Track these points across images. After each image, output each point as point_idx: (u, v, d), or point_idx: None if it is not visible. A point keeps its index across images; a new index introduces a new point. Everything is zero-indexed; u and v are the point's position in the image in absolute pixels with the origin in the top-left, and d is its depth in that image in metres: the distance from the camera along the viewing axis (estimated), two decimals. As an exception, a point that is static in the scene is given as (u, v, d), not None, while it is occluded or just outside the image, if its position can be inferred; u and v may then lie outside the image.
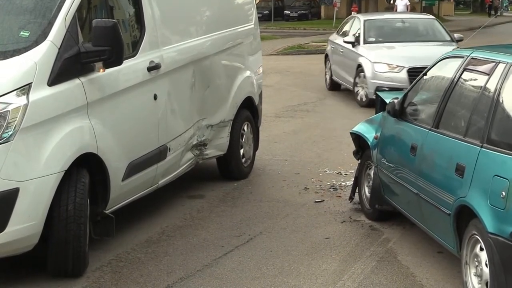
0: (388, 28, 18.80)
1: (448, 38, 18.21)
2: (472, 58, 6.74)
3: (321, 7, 69.27)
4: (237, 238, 7.70)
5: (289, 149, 11.87)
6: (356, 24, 18.95)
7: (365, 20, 18.45)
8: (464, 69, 6.71)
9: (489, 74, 6.21)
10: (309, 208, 8.83)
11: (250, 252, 7.30)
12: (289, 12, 67.04)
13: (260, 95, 11.07)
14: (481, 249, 5.62)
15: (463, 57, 6.93)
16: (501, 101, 5.83)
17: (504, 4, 58.06)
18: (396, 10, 40.00)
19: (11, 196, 5.85)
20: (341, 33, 20.20)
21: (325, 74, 20.01)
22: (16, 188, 5.87)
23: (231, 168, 10.06)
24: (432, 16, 21.60)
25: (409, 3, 42.08)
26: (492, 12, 57.14)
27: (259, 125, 10.99)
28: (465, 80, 6.65)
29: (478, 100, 6.19)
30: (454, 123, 6.48)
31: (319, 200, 9.15)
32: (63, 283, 6.38)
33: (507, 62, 6.02)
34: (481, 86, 6.24)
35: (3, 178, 5.79)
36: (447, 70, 7.13)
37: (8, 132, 5.83)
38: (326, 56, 20.23)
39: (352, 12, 52.17)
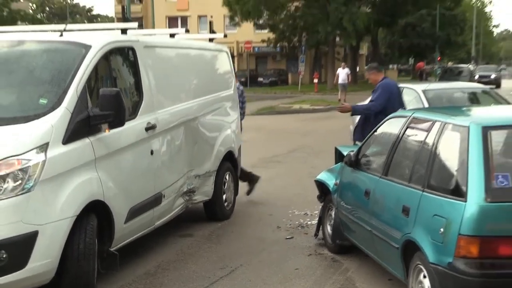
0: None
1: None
2: (414, 118, 6.84)
3: (288, 74, 69.61)
4: (221, 270, 7.68)
5: (264, 194, 11.86)
6: None
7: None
8: (407, 127, 6.80)
9: (427, 131, 6.30)
10: (281, 244, 8.82)
11: (232, 282, 7.31)
12: (262, 79, 67.24)
13: (239, 149, 11.12)
14: (424, 276, 5.66)
15: (406, 117, 7.04)
16: (437, 153, 5.94)
17: (437, 72, 58.52)
18: (338, 79, 40.33)
19: (31, 237, 5.84)
20: None
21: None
22: (36, 231, 5.86)
23: (215, 210, 10.05)
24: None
25: (350, 72, 42.46)
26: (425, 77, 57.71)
27: (238, 174, 11.03)
28: (408, 136, 6.74)
29: (419, 152, 6.29)
30: (400, 171, 6.52)
31: (289, 237, 9.15)
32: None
33: (442, 121, 6.15)
34: (421, 141, 6.33)
35: (24, 222, 5.79)
36: (393, 128, 7.19)
37: (29, 183, 5.85)
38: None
39: (314, 79, 52.76)
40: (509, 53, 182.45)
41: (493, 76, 52.21)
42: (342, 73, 40.20)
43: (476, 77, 49.59)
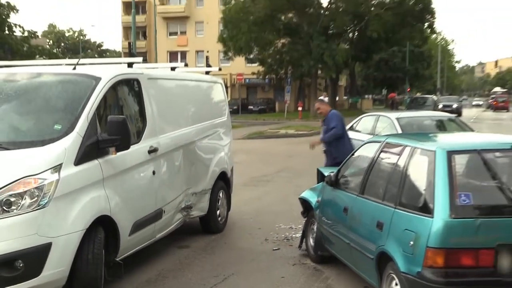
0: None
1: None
2: (387, 143, 6.90)
3: (275, 103, 69.75)
4: (215, 278, 7.65)
5: (254, 210, 11.86)
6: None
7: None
8: (381, 151, 6.84)
9: (399, 154, 6.35)
10: (268, 254, 8.79)
11: (225, 289, 7.33)
12: (252, 107, 67.36)
13: (232, 170, 11.10)
14: (396, 284, 5.67)
15: (380, 142, 7.09)
16: (408, 175, 5.98)
17: (407, 102, 58.92)
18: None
19: (45, 248, 5.83)
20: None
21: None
22: (50, 242, 5.86)
23: (210, 224, 10.02)
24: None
25: (327, 100, 42.69)
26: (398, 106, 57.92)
27: (231, 192, 10.99)
28: (382, 159, 6.77)
29: (392, 173, 6.33)
30: (375, 190, 6.53)
31: (276, 248, 9.12)
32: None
33: (412, 146, 6.20)
34: (394, 163, 6.38)
35: (39, 235, 5.79)
36: (369, 151, 7.22)
37: (44, 200, 5.85)
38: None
39: (298, 107, 52.90)
40: (469, 86, 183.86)
41: (455, 106, 52.38)
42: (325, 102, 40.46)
43: (440, 106, 49.77)
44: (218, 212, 10.20)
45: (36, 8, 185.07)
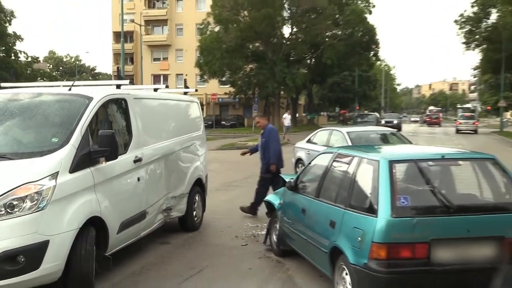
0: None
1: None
2: (339, 153, 6.93)
3: (244, 119, 69.67)
4: (191, 270, 7.61)
5: (225, 211, 11.82)
6: None
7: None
8: (334, 160, 6.87)
9: (348, 163, 6.39)
10: (238, 249, 8.78)
11: (200, 279, 7.25)
12: (224, 122, 67.07)
13: (206, 177, 11.05)
14: (346, 274, 5.71)
15: (333, 153, 7.12)
16: (356, 181, 6.03)
17: (357, 119, 59.49)
18: (284, 122, 40.93)
19: (43, 245, 5.78)
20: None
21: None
22: (47, 240, 5.80)
23: (187, 224, 9.96)
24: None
25: (290, 116, 43.35)
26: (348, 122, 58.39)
27: (205, 196, 10.93)
28: (335, 167, 6.79)
29: (342, 180, 6.37)
30: (329, 194, 6.54)
31: (244, 244, 9.11)
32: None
33: (359, 156, 6.26)
34: (344, 171, 6.42)
35: (38, 233, 5.74)
36: (323, 161, 7.25)
37: (42, 203, 5.80)
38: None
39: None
40: (408, 105, 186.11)
41: (395, 122, 52.77)
42: (287, 118, 40.82)
43: (383, 122, 50.19)
44: (194, 213, 10.14)
45: (39, 36, 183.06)
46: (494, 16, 55.20)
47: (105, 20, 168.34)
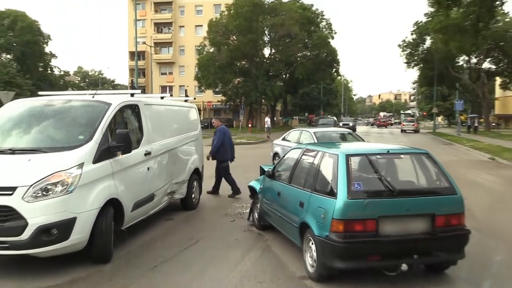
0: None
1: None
2: (307, 149, 6.93)
3: (233, 121, 69.29)
4: (190, 240, 7.59)
5: (217, 194, 11.83)
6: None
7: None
8: (303, 154, 6.87)
9: (314, 157, 6.40)
10: (227, 224, 8.76)
11: (197, 248, 7.24)
12: (217, 124, 66.85)
13: (202, 167, 11.01)
14: (312, 243, 5.72)
15: (302, 148, 7.13)
16: (320, 170, 6.03)
17: (318, 121, 59.43)
18: (265, 124, 40.89)
19: (72, 221, 5.77)
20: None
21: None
22: (75, 216, 5.79)
23: (187, 204, 9.90)
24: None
25: (270, 119, 43.25)
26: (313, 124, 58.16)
27: (202, 182, 10.89)
28: (303, 159, 6.79)
29: (309, 169, 6.37)
30: (298, 181, 6.53)
31: (232, 220, 9.09)
32: (100, 265, 6.24)
33: (323, 151, 6.27)
34: (311, 163, 6.42)
35: (68, 211, 5.72)
36: (294, 154, 7.24)
37: (71, 187, 5.78)
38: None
39: (249, 124, 52.97)
40: (362, 111, 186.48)
41: (351, 124, 52.26)
42: (268, 121, 40.91)
43: (340, 124, 49.99)
44: (193, 195, 10.09)
45: (71, 54, 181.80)
46: (428, 42, 55.93)
47: (123, 42, 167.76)
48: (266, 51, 59.34)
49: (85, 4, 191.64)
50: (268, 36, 57.66)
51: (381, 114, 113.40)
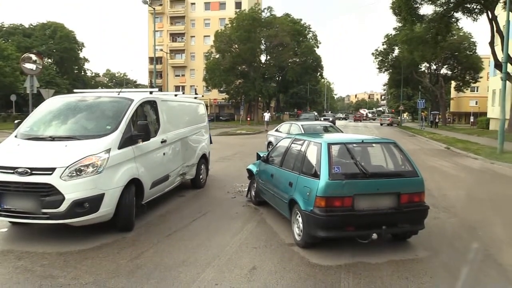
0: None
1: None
2: (295, 138, 6.88)
3: (235, 116, 69.07)
4: (199, 213, 7.59)
5: (222, 176, 11.75)
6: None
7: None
8: (292, 142, 6.83)
9: (301, 145, 6.37)
10: (229, 201, 8.73)
11: (204, 219, 7.23)
12: (221, 118, 66.44)
13: (209, 153, 10.94)
14: (299, 216, 5.71)
15: (291, 138, 7.08)
16: (306, 156, 6.00)
17: (301, 115, 59.28)
18: (264, 118, 40.68)
19: (101, 196, 5.74)
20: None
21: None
22: (103, 193, 5.77)
23: (196, 183, 9.86)
24: None
25: (270, 115, 42.78)
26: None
27: (208, 165, 10.85)
28: (293, 147, 6.74)
29: (297, 155, 6.32)
30: (288, 165, 6.51)
31: (234, 197, 9.06)
32: (124, 233, 6.22)
33: (308, 140, 6.23)
34: (299, 150, 6.38)
35: (98, 188, 5.70)
36: (285, 143, 7.21)
37: (100, 169, 5.76)
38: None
39: (248, 118, 52.77)
40: (342, 108, 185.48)
41: (331, 119, 52.08)
42: (266, 116, 40.67)
43: (322, 119, 49.61)
44: (201, 176, 10.05)
45: (101, 59, 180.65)
46: (396, 51, 55.88)
47: (143, 49, 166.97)
48: (263, 57, 58.99)
49: (114, 18, 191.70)
50: (264, 45, 57.27)
51: (365, 111, 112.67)
